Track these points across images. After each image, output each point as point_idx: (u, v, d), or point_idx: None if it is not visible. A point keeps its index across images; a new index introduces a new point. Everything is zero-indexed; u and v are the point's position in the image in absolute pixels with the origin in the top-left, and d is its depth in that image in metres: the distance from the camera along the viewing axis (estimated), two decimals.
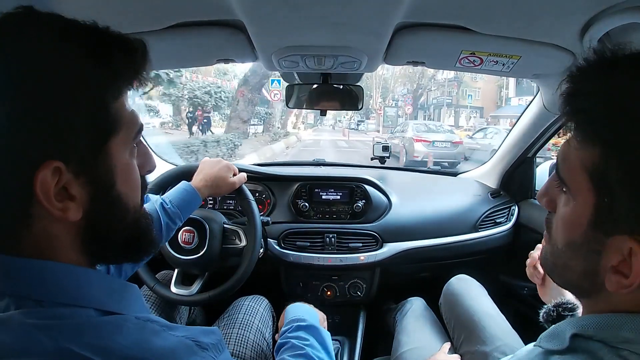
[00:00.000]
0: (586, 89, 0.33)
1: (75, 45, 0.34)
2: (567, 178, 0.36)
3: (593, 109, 0.32)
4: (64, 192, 0.33)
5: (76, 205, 0.34)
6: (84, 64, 0.34)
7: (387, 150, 1.56)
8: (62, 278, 0.35)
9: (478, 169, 1.61)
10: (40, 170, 0.31)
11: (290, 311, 0.78)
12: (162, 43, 0.80)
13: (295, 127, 20.17)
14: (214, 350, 0.37)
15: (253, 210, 1.04)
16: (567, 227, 0.37)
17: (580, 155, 0.34)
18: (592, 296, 0.38)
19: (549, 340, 0.39)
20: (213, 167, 0.98)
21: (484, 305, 1.00)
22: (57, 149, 0.32)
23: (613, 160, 0.31)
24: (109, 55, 0.35)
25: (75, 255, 0.37)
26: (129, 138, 0.39)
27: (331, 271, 1.27)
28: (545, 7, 0.66)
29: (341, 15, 0.69)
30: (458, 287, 1.08)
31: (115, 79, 0.36)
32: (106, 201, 0.37)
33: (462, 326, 0.97)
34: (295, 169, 1.48)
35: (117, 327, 0.34)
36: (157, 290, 1.02)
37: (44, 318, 0.32)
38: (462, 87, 24.33)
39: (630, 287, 0.32)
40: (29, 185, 0.32)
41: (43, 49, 0.32)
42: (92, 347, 0.31)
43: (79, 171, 0.34)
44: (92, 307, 0.35)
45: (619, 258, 0.32)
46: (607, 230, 0.33)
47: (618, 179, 0.31)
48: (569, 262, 0.37)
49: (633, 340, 0.32)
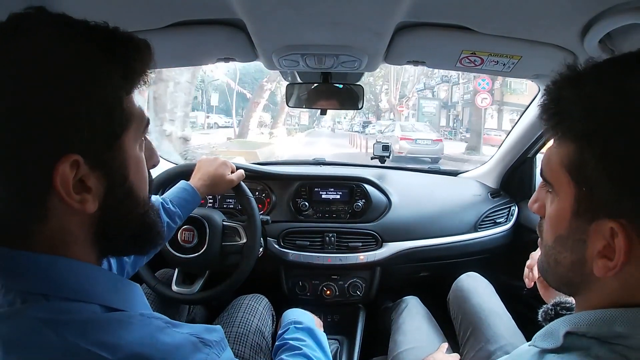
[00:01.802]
0: (559, 96, 0.38)
1: (90, 44, 0.35)
2: (550, 177, 0.40)
3: (565, 110, 0.37)
4: (80, 185, 0.34)
5: (92, 197, 0.35)
6: (100, 62, 0.35)
7: (387, 149, 1.55)
8: (69, 274, 0.35)
9: (478, 169, 1.61)
10: (60, 163, 0.32)
11: (287, 315, 0.80)
12: (163, 42, 0.80)
13: (271, 134, 13.51)
14: (218, 348, 0.38)
15: (252, 208, 1.04)
16: (553, 223, 0.40)
17: (558, 153, 0.38)
18: (583, 290, 0.39)
19: (543, 340, 0.39)
20: (210, 165, 0.98)
21: (492, 303, 1.01)
22: (75, 143, 0.33)
23: (587, 151, 0.35)
24: (122, 54, 0.36)
25: (86, 248, 0.38)
26: (139, 132, 0.40)
27: (331, 270, 1.27)
28: (546, 7, 0.66)
29: (342, 15, 0.69)
30: (468, 284, 1.09)
31: (128, 76, 0.37)
32: (120, 193, 0.38)
33: (468, 323, 0.97)
34: (295, 168, 1.48)
35: (123, 324, 0.34)
36: (159, 290, 1.02)
37: (50, 313, 0.32)
38: (506, 79, 13.57)
39: (615, 268, 0.33)
40: (48, 179, 0.32)
41: (61, 47, 0.33)
42: (99, 343, 0.32)
43: (95, 164, 0.35)
44: (97, 303, 0.35)
45: (603, 242, 0.34)
46: (588, 218, 0.35)
47: (593, 167, 0.34)
48: (558, 257, 0.40)
49: (626, 334, 0.33)
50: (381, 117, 23.27)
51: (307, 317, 0.80)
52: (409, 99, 18.76)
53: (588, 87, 0.36)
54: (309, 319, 0.79)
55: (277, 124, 14.29)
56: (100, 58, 0.35)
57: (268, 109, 18.09)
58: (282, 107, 13.06)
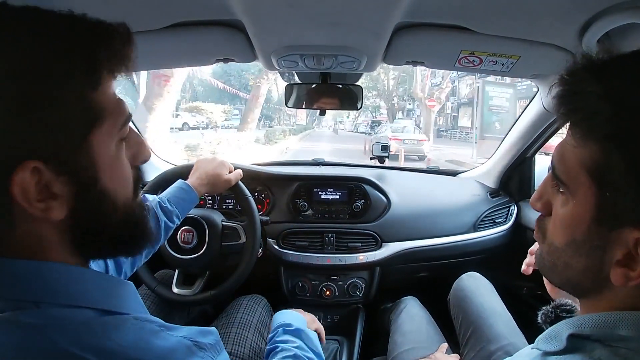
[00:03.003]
0: (581, 88, 0.34)
1: (46, 38, 0.32)
2: (565, 177, 0.36)
3: (591, 106, 0.33)
4: (46, 191, 0.32)
5: (59, 204, 0.33)
6: (55, 57, 0.32)
7: (387, 150, 1.55)
8: (57, 278, 0.34)
9: (477, 169, 1.61)
10: (18, 172, 0.30)
11: (277, 318, 0.79)
12: (161, 42, 0.79)
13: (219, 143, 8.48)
14: (213, 351, 0.37)
15: (251, 207, 1.04)
16: (567, 226, 0.37)
17: (578, 154, 0.34)
18: (592, 294, 0.37)
19: (546, 342, 0.39)
20: (208, 164, 0.98)
21: (493, 303, 1.01)
22: (34, 148, 0.31)
23: (615, 155, 0.31)
24: (83, 44, 0.33)
25: (66, 254, 0.36)
26: (114, 129, 0.36)
27: (330, 271, 1.27)
28: (545, 7, 0.66)
29: (340, 15, 0.69)
30: (469, 284, 1.09)
31: (92, 68, 0.34)
32: (91, 198, 0.35)
33: (469, 323, 0.97)
34: (294, 168, 1.48)
35: (117, 328, 0.34)
36: (159, 291, 1.02)
37: (42, 319, 0.31)
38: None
39: (638, 279, 0.32)
40: (6, 188, 0.30)
41: (13, 44, 0.31)
42: (92, 348, 0.31)
43: (59, 169, 0.32)
44: (89, 307, 0.34)
45: (624, 251, 0.32)
46: (610, 225, 0.33)
47: (621, 172, 0.31)
48: (570, 261, 0.37)
49: (629, 338, 0.32)
50: (396, 114, 21.00)
51: (297, 317, 0.79)
52: (442, 90, 13.65)
53: (616, 81, 0.32)
54: (298, 319, 0.78)
55: (246, 124, 9.98)
56: (53, 53, 0.32)
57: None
58: (254, 101, 9.72)
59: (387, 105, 22.37)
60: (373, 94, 21.96)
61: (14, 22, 0.32)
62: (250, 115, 10.03)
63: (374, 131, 16.04)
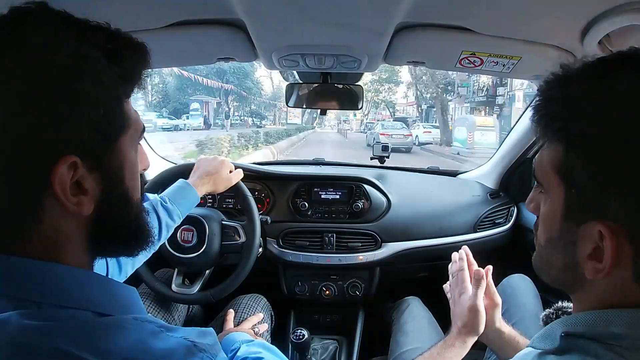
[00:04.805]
0: (549, 97, 0.38)
1: (92, 44, 0.34)
2: (541, 178, 0.40)
3: (553, 111, 0.37)
4: (77, 187, 0.34)
5: (89, 200, 0.35)
6: (101, 63, 0.34)
7: (387, 150, 1.55)
8: (61, 280, 0.35)
9: (477, 170, 1.61)
10: (59, 164, 0.32)
11: (227, 341, 0.78)
12: (163, 41, 0.80)
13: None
14: (211, 352, 0.37)
15: (251, 206, 1.04)
16: (546, 224, 0.40)
17: (549, 155, 0.38)
18: (577, 291, 0.39)
19: (541, 341, 0.40)
20: (209, 164, 0.98)
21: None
22: (74, 144, 0.33)
23: (573, 154, 0.35)
24: (122, 56, 0.36)
25: (79, 250, 0.37)
26: (136, 137, 0.40)
27: (330, 270, 1.27)
28: (546, 8, 0.66)
29: (342, 15, 0.69)
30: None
31: (127, 79, 0.37)
32: (116, 195, 0.38)
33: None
34: (294, 168, 1.48)
35: (116, 329, 0.34)
36: (159, 290, 1.02)
37: (42, 320, 0.31)
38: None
39: (604, 271, 0.33)
40: (46, 180, 0.32)
41: (64, 45, 0.33)
42: (91, 349, 0.31)
43: (92, 166, 0.35)
44: (91, 310, 0.35)
45: (592, 245, 0.34)
46: (577, 220, 0.36)
47: (580, 170, 0.34)
48: (550, 258, 0.40)
49: (622, 335, 0.33)
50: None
51: (233, 336, 0.78)
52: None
53: (573, 87, 0.36)
54: (237, 336, 0.78)
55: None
56: (102, 59, 0.34)
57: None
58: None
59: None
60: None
61: (63, 25, 0.34)
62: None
63: (369, 128, 18.83)
